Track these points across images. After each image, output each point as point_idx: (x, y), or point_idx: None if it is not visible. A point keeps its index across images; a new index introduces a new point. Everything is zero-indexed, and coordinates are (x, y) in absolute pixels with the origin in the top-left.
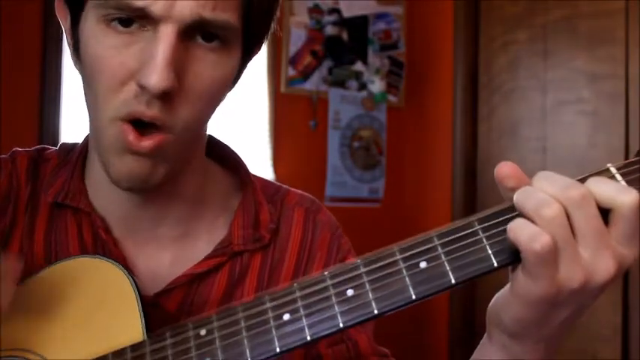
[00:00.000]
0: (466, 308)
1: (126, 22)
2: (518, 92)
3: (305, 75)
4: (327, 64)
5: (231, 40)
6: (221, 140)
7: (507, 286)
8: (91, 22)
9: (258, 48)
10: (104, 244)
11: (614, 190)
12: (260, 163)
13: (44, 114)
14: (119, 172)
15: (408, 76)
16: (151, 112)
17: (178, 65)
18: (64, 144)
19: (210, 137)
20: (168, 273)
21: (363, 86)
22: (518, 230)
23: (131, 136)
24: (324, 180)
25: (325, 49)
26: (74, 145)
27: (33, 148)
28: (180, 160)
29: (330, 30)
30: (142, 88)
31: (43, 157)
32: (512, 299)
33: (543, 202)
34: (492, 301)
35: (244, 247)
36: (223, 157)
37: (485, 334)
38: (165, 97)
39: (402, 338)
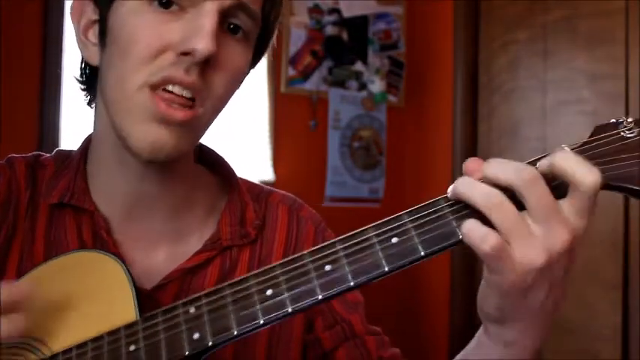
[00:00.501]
0: (467, 301)
1: (166, 4)
2: (518, 92)
3: (305, 75)
4: (327, 64)
5: (250, 35)
6: (208, 146)
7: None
8: (130, 2)
9: (262, 54)
10: (103, 244)
11: (580, 168)
12: (260, 163)
13: (44, 114)
14: (144, 140)
15: (408, 76)
16: (189, 78)
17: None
18: (59, 151)
19: (199, 144)
20: (162, 269)
21: (363, 86)
22: (470, 233)
23: (162, 105)
24: (324, 180)
25: (325, 49)
26: (70, 151)
27: (29, 155)
28: (199, 137)
29: (330, 30)
30: (185, 54)
31: (40, 162)
32: (488, 290)
33: (488, 193)
34: (478, 292)
35: (232, 242)
36: (210, 161)
37: (481, 326)
38: (205, 65)
39: (403, 331)
